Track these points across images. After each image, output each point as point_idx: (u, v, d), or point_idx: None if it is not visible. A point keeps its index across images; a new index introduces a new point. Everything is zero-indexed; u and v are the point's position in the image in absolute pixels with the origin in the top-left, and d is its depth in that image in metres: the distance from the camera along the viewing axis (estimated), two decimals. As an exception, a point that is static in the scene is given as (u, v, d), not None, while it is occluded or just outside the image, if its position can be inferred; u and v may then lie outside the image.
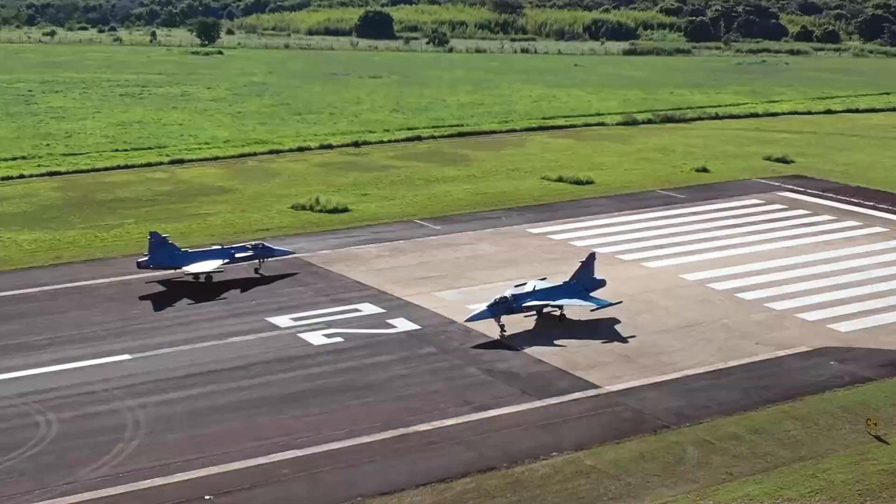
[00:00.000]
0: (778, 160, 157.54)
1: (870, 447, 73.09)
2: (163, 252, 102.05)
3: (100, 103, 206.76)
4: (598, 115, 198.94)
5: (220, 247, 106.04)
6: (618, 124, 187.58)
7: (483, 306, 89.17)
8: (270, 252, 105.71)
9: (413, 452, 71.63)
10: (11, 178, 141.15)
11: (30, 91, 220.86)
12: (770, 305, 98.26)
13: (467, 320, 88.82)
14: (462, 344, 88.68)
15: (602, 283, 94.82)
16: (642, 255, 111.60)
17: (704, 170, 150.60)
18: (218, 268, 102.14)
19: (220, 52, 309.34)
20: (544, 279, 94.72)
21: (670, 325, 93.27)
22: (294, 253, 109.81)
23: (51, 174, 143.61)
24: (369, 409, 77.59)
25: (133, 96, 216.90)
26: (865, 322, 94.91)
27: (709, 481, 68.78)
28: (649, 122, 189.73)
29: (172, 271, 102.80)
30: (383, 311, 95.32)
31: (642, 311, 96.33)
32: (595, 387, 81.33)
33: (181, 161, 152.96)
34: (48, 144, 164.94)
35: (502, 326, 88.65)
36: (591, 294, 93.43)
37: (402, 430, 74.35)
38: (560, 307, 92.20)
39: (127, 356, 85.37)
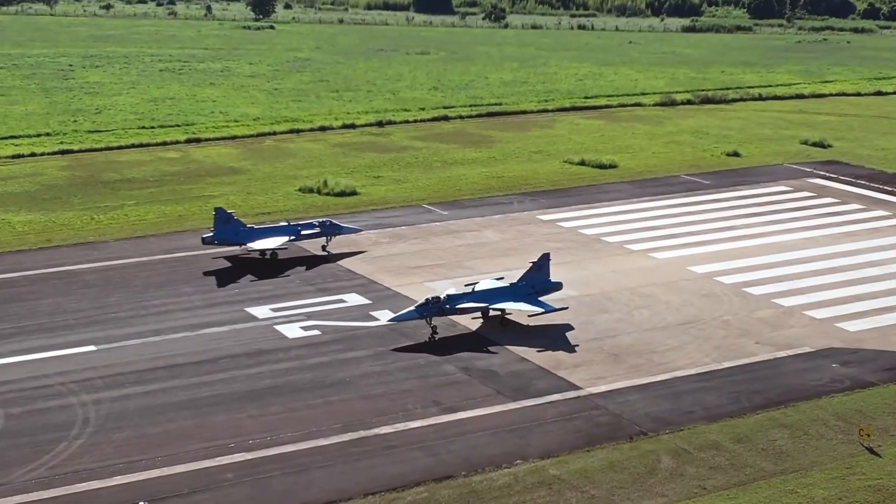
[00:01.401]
0: (814, 144, 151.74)
1: (859, 460, 68.45)
2: (227, 228, 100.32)
3: (137, 79, 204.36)
4: (643, 94, 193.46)
5: (286, 223, 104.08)
6: (655, 105, 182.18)
7: (411, 307, 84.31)
8: (338, 229, 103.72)
9: (369, 457, 67.94)
10: (22, 155, 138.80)
11: (70, 66, 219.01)
12: (778, 301, 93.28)
13: (391, 320, 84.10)
14: (444, 339, 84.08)
15: (557, 287, 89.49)
16: (652, 245, 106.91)
17: (735, 154, 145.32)
18: (282, 245, 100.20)
19: (272, 27, 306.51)
20: (501, 278, 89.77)
21: (668, 322, 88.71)
22: (361, 230, 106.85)
23: (63, 152, 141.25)
24: (332, 408, 74.02)
25: (173, 72, 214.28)
26: (877, 321, 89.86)
27: (679, 495, 64.50)
28: (688, 102, 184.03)
29: (238, 247, 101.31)
30: (369, 302, 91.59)
31: (641, 306, 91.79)
32: (576, 388, 77.16)
33: (198, 140, 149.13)
34: (75, 121, 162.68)
35: (434, 329, 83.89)
36: (543, 297, 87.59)
37: (361, 433, 70.66)
38: (502, 310, 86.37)
39: (92, 347, 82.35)
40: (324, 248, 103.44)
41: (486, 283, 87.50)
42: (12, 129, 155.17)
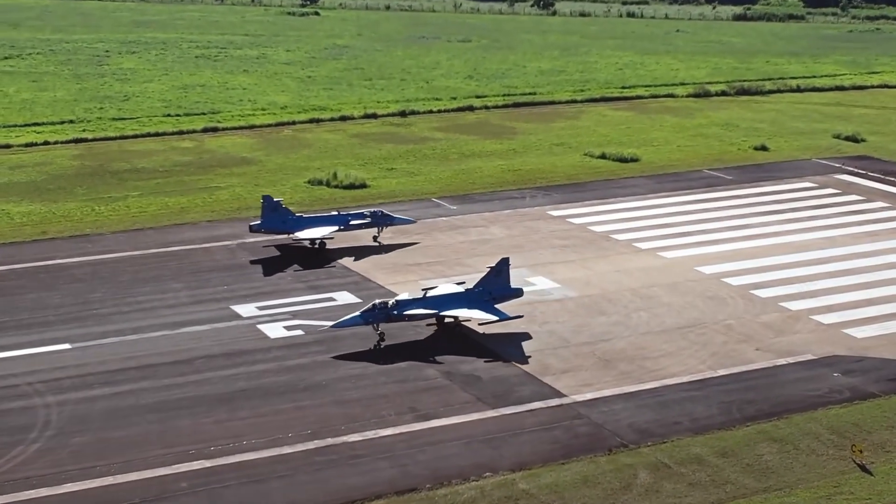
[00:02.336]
0: (847, 138, 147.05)
1: (848, 478, 65.09)
2: (275, 216, 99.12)
3: (171, 65, 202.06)
4: (681, 84, 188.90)
5: (336, 213, 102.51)
6: (688, 96, 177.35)
7: (356, 312, 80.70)
8: (390, 220, 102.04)
9: (332, 467, 65.29)
10: (35, 144, 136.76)
11: (106, 52, 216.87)
12: (785, 305, 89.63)
13: (334, 326, 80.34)
14: (431, 341, 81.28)
15: (517, 293, 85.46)
16: (661, 244, 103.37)
17: (763, 148, 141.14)
18: (328, 235, 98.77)
19: (317, 13, 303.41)
20: (463, 282, 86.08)
21: (666, 326, 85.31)
22: (415, 221, 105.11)
23: (76, 141, 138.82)
24: (303, 414, 71.43)
25: (208, 58, 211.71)
26: (887, 327, 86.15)
27: (651, 514, 61.09)
28: (723, 94, 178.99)
29: (285, 236, 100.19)
30: (359, 301, 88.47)
31: (640, 309, 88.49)
32: (559, 395, 74.14)
33: (215, 129, 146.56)
34: (101, 108, 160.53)
35: (381, 335, 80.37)
36: (500, 304, 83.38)
37: (329, 441, 68.05)
38: (455, 318, 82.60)
39: (67, 345, 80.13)
40: (375, 238, 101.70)
41: (444, 288, 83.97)
42: (36, 116, 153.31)
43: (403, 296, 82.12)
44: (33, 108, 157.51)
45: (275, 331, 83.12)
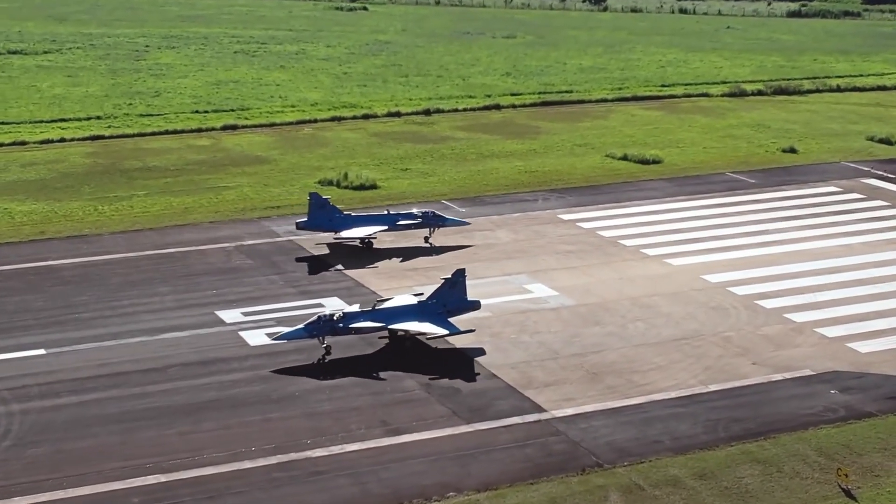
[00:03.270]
0: (881, 141, 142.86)
1: (832, 503, 61.33)
2: (322, 214, 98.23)
3: (208, 60, 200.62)
4: (723, 83, 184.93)
5: (386, 212, 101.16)
6: (722, 96, 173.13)
7: (300, 325, 77.59)
8: (441, 221, 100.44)
9: (291, 484, 63.10)
10: (51, 141, 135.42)
11: (146, 47, 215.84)
12: (790, 316, 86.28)
13: (277, 339, 77.56)
14: (415, 350, 78.85)
15: (474, 306, 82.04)
16: (669, 251, 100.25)
17: (792, 150, 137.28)
18: (371, 234, 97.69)
19: (365, 8, 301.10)
20: (420, 294, 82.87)
21: (662, 337, 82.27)
22: (469, 223, 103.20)
23: (93, 138, 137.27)
24: (270, 426, 69.33)
25: (247, 53, 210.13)
26: (894, 342, 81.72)
27: (617, 539, 58.31)
28: (759, 93, 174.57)
29: (332, 234, 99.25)
30: (348, 308, 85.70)
31: (637, 319, 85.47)
32: (539, 410, 71.52)
33: (234, 127, 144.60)
34: (130, 104, 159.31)
35: (327, 348, 77.35)
36: (456, 317, 79.91)
37: (292, 456, 65.80)
38: (406, 332, 79.25)
39: (42, 351, 78.48)
40: (426, 239, 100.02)
41: (396, 301, 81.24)
42: (65, 112, 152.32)
43: (352, 308, 79.43)
44: (63, 104, 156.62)
45: (256, 338, 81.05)
